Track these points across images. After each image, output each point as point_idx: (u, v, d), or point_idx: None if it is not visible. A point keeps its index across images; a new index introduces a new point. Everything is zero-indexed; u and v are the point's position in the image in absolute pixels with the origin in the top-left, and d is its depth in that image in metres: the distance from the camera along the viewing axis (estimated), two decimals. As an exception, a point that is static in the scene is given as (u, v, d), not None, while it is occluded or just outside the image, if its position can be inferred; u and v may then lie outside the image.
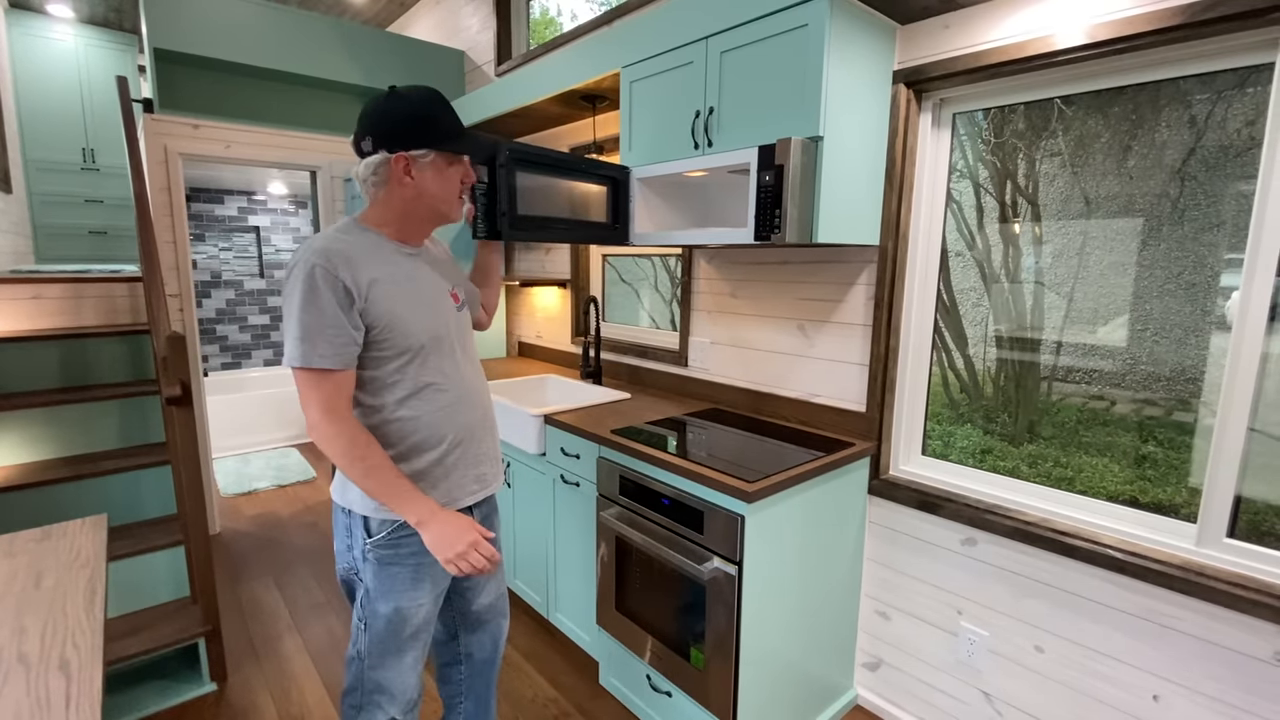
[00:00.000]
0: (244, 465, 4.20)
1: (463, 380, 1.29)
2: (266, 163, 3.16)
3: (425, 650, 1.36)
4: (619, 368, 2.74)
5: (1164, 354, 1.42)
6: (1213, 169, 1.34)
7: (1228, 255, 1.33)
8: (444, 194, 1.22)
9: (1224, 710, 1.30)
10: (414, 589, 1.27)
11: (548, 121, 2.78)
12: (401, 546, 1.25)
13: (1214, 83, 1.32)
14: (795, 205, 1.49)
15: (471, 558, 1.16)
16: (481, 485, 1.35)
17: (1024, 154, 1.61)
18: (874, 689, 1.95)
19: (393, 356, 1.18)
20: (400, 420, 1.22)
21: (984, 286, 1.70)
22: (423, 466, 1.25)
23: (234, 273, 5.25)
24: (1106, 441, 1.52)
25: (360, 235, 1.19)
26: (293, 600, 2.59)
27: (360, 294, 1.12)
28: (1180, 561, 1.36)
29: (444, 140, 1.18)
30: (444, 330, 1.26)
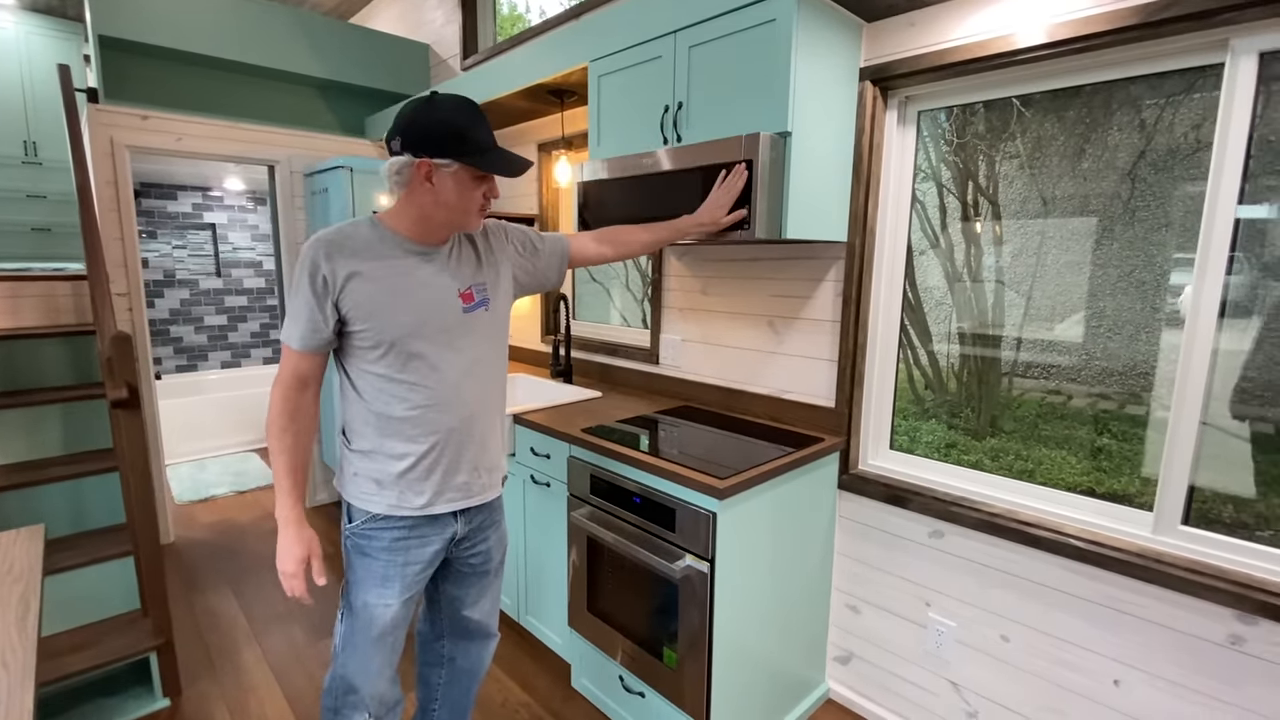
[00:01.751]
0: (200, 471, 4.05)
1: (449, 383, 1.25)
2: (221, 156, 3.04)
3: (395, 658, 1.33)
4: (590, 366, 2.71)
5: (1117, 349, 1.46)
6: (1161, 171, 1.38)
7: (1176, 255, 1.37)
8: (462, 205, 1.20)
9: (1182, 693, 1.34)
10: (383, 586, 1.26)
11: (516, 116, 2.74)
12: (374, 539, 1.25)
13: (1162, 87, 1.36)
14: (764, 200, 1.49)
15: (284, 583, 1.23)
16: (464, 494, 1.31)
17: (984, 155, 1.64)
18: (845, 682, 1.97)
19: (369, 347, 1.20)
20: (378, 414, 1.22)
21: (947, 285, 1.73)
22: (401, 467, 1.23)
23: (189, 271, 5.06)
24: (1064, 435, 1.56)
25: (367, 229, 1.21)
26: (252, 610, 2.50)
27: (335, 286, 1.15)
28: (1138, 549, 1.40)
29: (470, 154, 1.17)
30: (429, 330, 1.22)
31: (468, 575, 1.42)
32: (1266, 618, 1.22)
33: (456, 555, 1.38)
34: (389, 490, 1.23)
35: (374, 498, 1.24)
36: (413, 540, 1.27)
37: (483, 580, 1.44)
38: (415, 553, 1.27)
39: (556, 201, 2.84)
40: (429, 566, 1.31)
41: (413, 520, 1.26)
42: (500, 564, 1.48)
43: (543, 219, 2.86)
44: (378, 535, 1.25)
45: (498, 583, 1.49)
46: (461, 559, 1.39)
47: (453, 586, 1.43)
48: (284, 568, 1.21)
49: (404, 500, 1.24)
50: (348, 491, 1.27)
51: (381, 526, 1.25)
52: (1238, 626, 1.26)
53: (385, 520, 1.24)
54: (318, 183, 3.09)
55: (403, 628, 1.31)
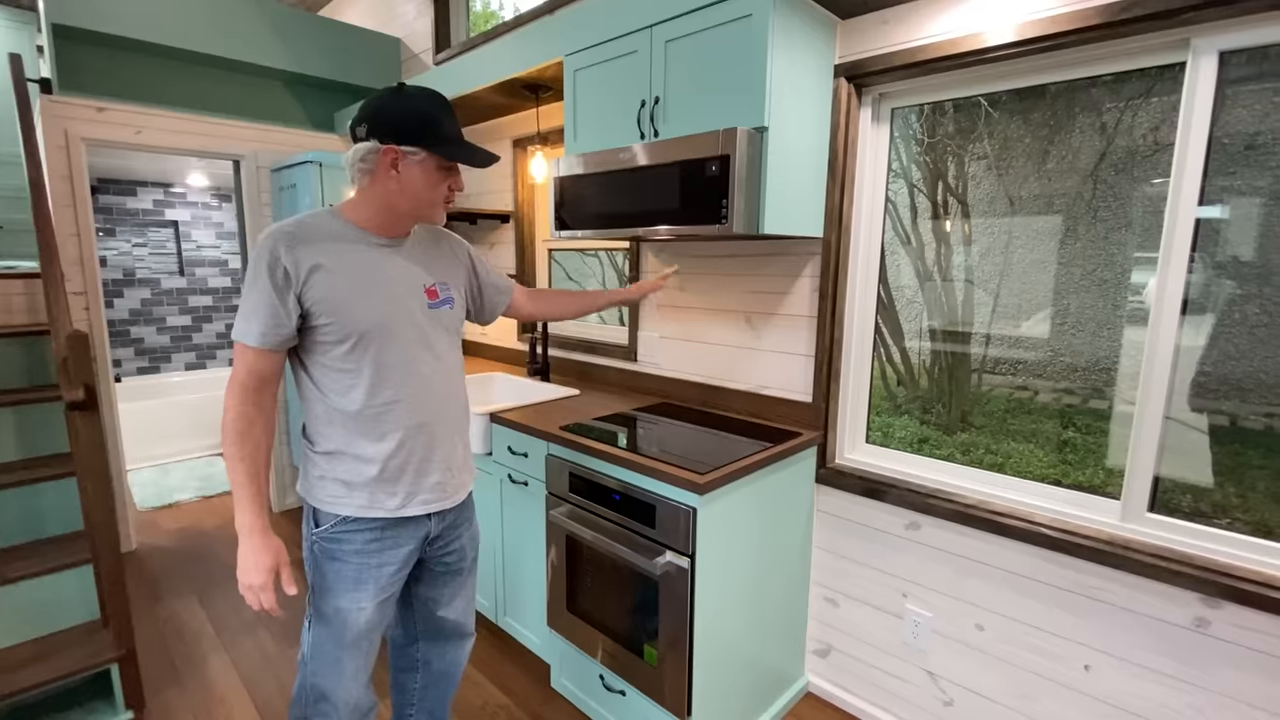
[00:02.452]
0: (163, 476, 3.92)
1: (418, 378, 1.23)
2: (183, 150, 2.95)
3: (369, 662, 1.29)
4: (568, 364, 2.69)
5: (1080, 346, 1.50)
6: (1121, 172, 1.42)
7: (1136, 254, 1.41)
8: (428, 196, 1.19)
9: (1149, 676, 1.38)
10: (355, 589, 1.22)
11: (490, 112, 2.71)
12: (345, 542, 1.20)
13: (1122, 91, 1.40)
14: (742, 195, 1.49)
15: (249, 596, 1.15)
16: (439, 495, 1.28)
17: (954, 155, 1.67)
18: (824, 675, 1.98)
19: (334, 342, 1.15)
20: (343, 412, 1.18)
21: (918, 284, 1.76)
22: (369, 467, 1.19)
23: (150, 270, 4.90)
24: (1032, 429, 1.60)
25: (327, 221, 1.18)
26: (219, 618, 2.42)
27: (298, 278, 1.11)
28: (1107, 537, 1.43)
29: (439, 143, 1.15)
30: (396, 324, 1.19)
31: (441, 575, 1.39)
32: (1230, 601, 1.26)
33: (430, 555, 1.35)
34: (359, 492, 1.19)
35: (343, 500, 1.20)
36: (386, 542, 1.23)
37: (457, 579, 1.41)
38: (389, 554, 1.24)
39: (532, 198, 2.81)
40: (404, 567, 1.28)
41: (385, 522, 1.22)
42: (474, 561, 1.45)
43: (518, 216, 2.82)
44: (348, 539, 1.21)
45: (472, 581, 1.47)
46: (435, 559, 1.36)
47: (426, 588, 1.40)
48: (250, 580, 1.14)
49: (376, 502, 1.20)
50: (314, 495, 1.21)
51: (352, 529, 1.20)
52: (1202, 610, 1.30)
53: (356, 523, 1.20)
54: (285, 178, 3.02)
55: (378, 631, 1.28)
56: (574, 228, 1.90)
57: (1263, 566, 1.26)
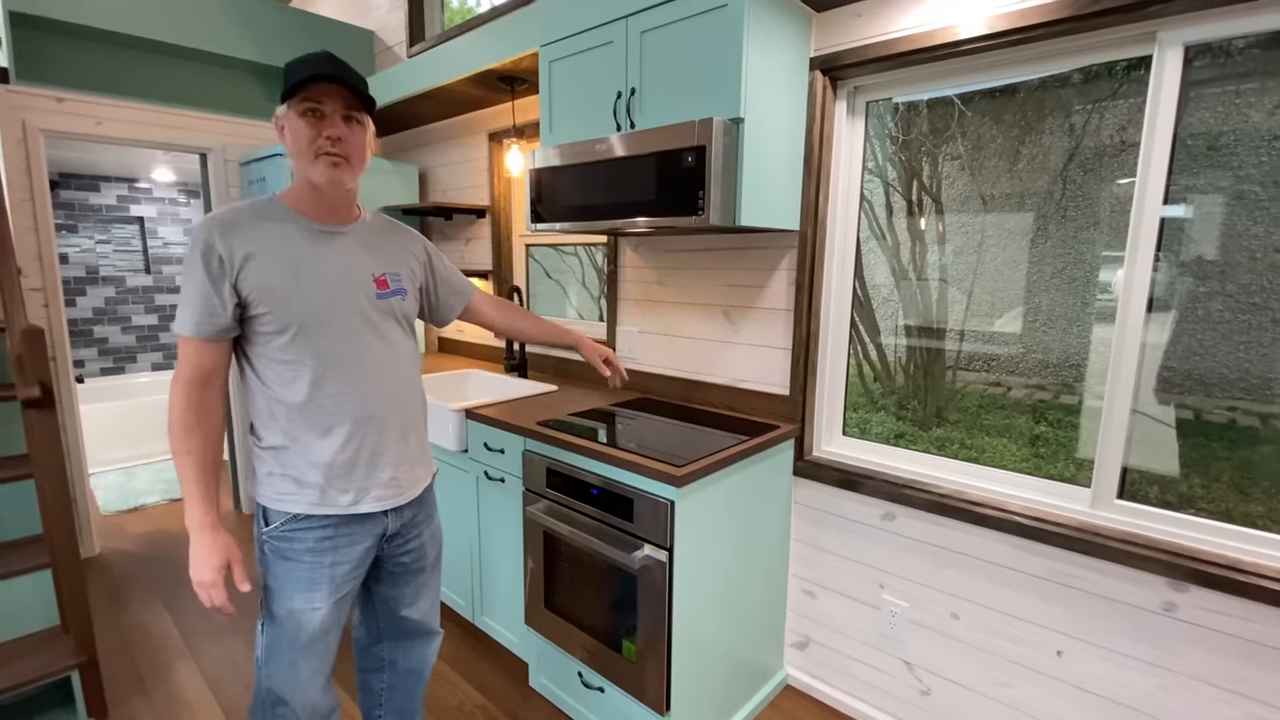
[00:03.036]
0: (129, 479, 3.81)
1: (365, 369, 1.19)
2: (147, 143, 2.86)
3: (325, 663, 1.25)
4: (545, 361, 2.66)
5: (1051, 343, 1.52)
6: (1089, 172, 1.45)
7: (1104, 252, 1.43)
8: (303, 151, 1.10)
9: (1120, 660, 1.40)
10: (309, 589, 1.18)
11: (465, 105, 2.67)
12: (296, 540, 1.17)
13: (1090, 93, 1.43)
14: (718, 187, 1.49)
15: (200, 594, 1.13)
16: (394, 491, 1.24)
17: (928, 155, 1.68)
18: (803, 668, 1.99)
19: (274, 332, 1.11)
20: (287, 404, 1.14)
21: (894, 282, 1.78)
22: (318, 462, 1.15)
23: (114, 268, 4.75)
24: (1005, 424, 1.63)
25: (266, 207, 1.15)
26: (186, 624, 2.36)
27: (232, 266, 1.07)
28: (1078, 524, 1.45)
29: (289, 90, 1.06)
30: (339, 312, 1.15)
31: (401, 574, 1.35)
32: (1196, 584, 1.28)
33: (388, 554, 1.31)
34: (309, 489, 1.15)
35: (293, 497, 1.15)
36: (340, 539, 1.19)
37: (418, 578, 1.38)
38: (343, 552, 1.20)
39: (509, 193, 2.78)
40: (359, 566, 1.24)
41: (338, 519, 1.19)
42: (436, 560, 1.42)
43: (494, 210, 2.79)
44: (299, 537, 1.16)
45: (435, 579, 1.43)
46: (393, 557, 1.32)
47: (387, 588, 1.36)
48: (200, 577, 1.11)
49: (327, 499, 1.16)
50: (262, 493, 1.17)
51: (303, 527, 1.16)
52: (1170, 594, 1.32)
53: (307, 521, 1.16)
54: (254, 172, 2.94)
55: (335, 631, 1.24)
56: (550, 221, 1.88)
57: (1227, 550, 1.29)
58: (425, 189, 3.19)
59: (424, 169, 3.18)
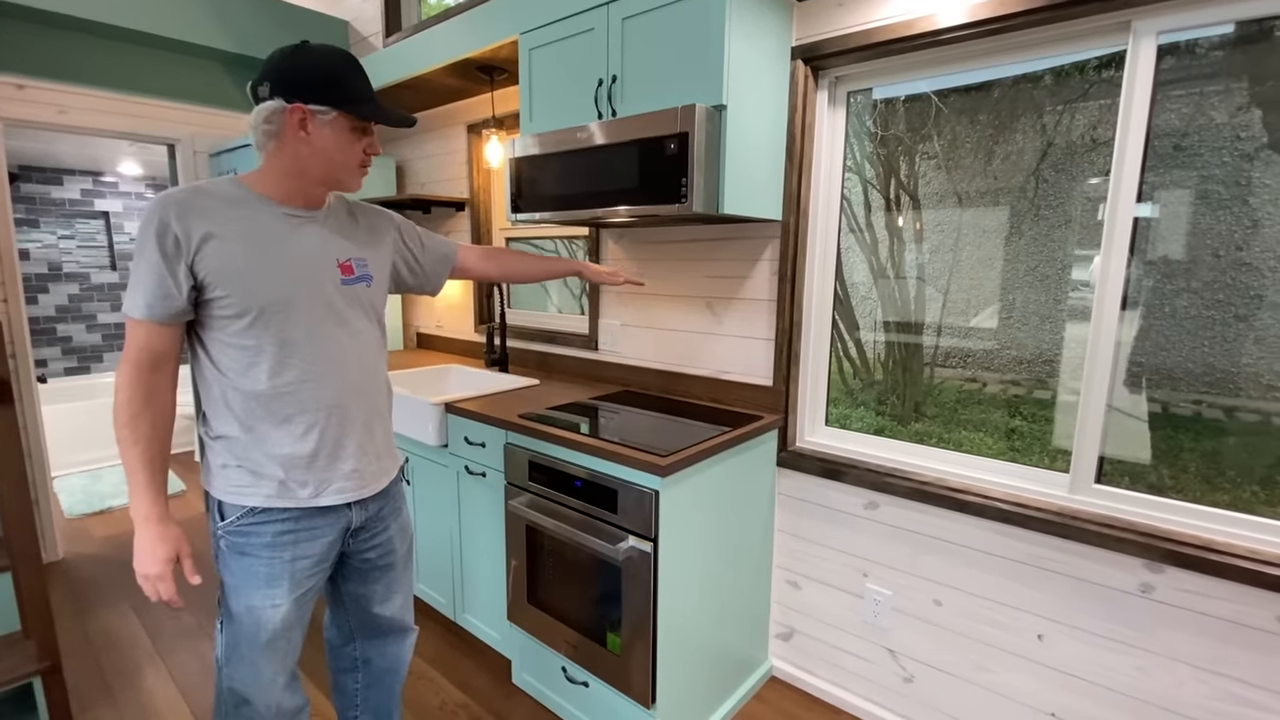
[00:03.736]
0: (94, 482, 3.69)
1: (328, 357, 1.15)
2: (112, 132, 2.78)
3: (288, 662, 1.20)
4: (527, 355, 2.64)
5: (1025, 339, 1.55)
6: (1061, 171, 1.47)
7: (1076, 251, 1.46)
8: (343, 160, 1.13)
9: (1098, 642, 1.42)
10: (268, 586, 1.13)
11: (444, 96, 2.63)
12: (254, 535, 1.12)
13: (1061, 93, 1.45)
14: (701, 174, 1.48)
15: (146, 587, 1.08)
16: (357, 483, 1.20)
17: (905, 153, 1.70)
18: (788, 659, 1.99)
19: (233, 317, 1.07)
20: (244, 392, 1.09)
21: (872, 280, 1.79)
22: (277, 453, 1.11)
23: (78, 264, 4.61)
24: (981, 418, 1.65)
25: (226, 188, 1.10)
26: (155, 627, 2.28)
27: (189, 247, 1.03)
28: (1057, 508, 1.47)
29: (350, 102, 1.09)
30: (302, 298, 1.11)
31: (368, 571, 1.31)
32: (1172, 565, 1.30)
33: (354, 549, 1.27)
34: (266, 481, 1.11)
35: (249, 490, 1.11)
36: (301, 534, 1.15)
37: (388, 575, 1.34)
38: (304, 546, 1.16)
39: (488, 185, 2.74)
40: (322, 561, 1.20)
41: (299, 512, 1.14)
42: (407, 555, 1.38)
43: (473, 203, 2.76)
44: (257, 531, 1.12)
45: (407, 575, 1.40)
46: (359, 553, 1.28)
47: (356, 585, 1.32)
48: (145, 570, 1.06)
49: (286, 492, 1.12)
50: (216, 486, 1.12)
51: (261, 521, 1.12)
52: (1147, 575, 1.34)
53: (265, 514, 1.12)
54: (224, 163, 2.87)
55: (298, 629, 1.19)
56: (531, 211, 1.85)
57: (1202, 531, 1.31)
58: (402, 182, 3.14)
59: (401, 162, 3.13)
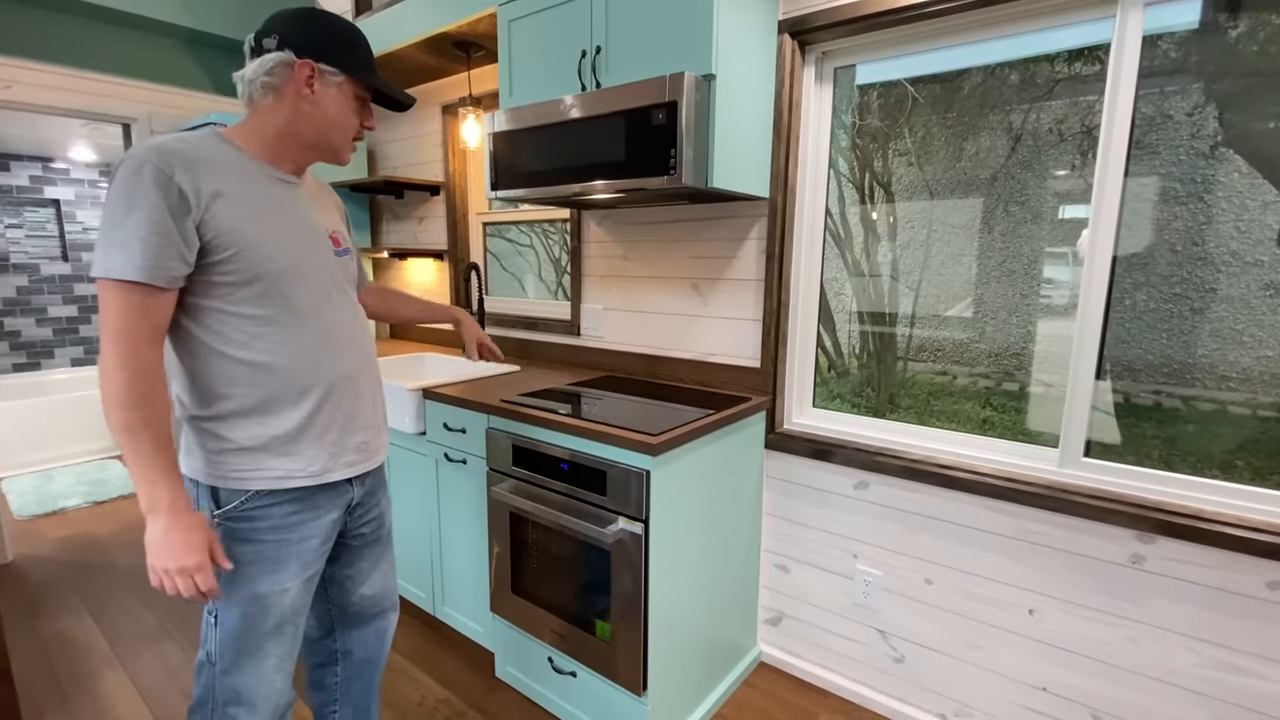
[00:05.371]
0: (46, 483, 3.50)
1: (339, 326, 1.11)
2: (63, 110, 2.63)
3: (295, 647, 1.15)
4: (507, 342, 2.57)
5: (993, 333, 1.57)
6: (1027, 168, 1.49)
7: (1044, 247, 1.49)
8: (341, 125, 1.09)
9: (1090, 614, 1.42)
10: (275, 571, 1.07)
11: (418, 75, 2.54)
12: (258, 519, 1.06)
13: (1028, 92, 1.47)
14: (690, 145, 1.44)
15: (181, 582, 0.94)
16: (364, 455, 1.17)
17: (880, 148, 1.70)
18: (776, 643, 1.96)
19: (241, 284, 0.99)
20: (252, 365, 1.02)
21: (847, 275, 1.80)
22: (287, 428, 1.05)
23: (26, 255, 4.37)
24: (954, 409, 1.66)
25: (214, 145, 1.02)
26: (114, 631, 2.16)
27: (199, 203, 0.93)
28: (1047, 482, 1.47)
29: (360, 70, 1.06)
30: (311, 264, 1.07)
31: (359, 548, 1.27)
32: (1163, 535, 1.31)
33: (350, 526, 1.23)
34: (272, 459, 1.05)
35: (253, 472, 1.04)
36: (306, 514, 1.10)
37: (375, 549, 1.30)
38: (311, 526, 1.10)
39: (464, 169, 2.67)
40: (328, 539, 1.15)
41: (306, 490, 1.09)
42: (390, 529, 1.35)
43: (449, 187, 2.67)
44: (263, 515, 1.06)
45: (390, 552, 1.36)
46: (355, 529, 1.24)
47: (343, 566, 1.26)
48: (183, 562, 0.92)
49: (294, 469, 1.06)
50: (212, 471, 1.03)
51: (266, 504, 1.06)
52: (1138, 546, 1.34)
53: (271, 496, 1.06)
54: (186, 145, 2.74)
55: (302, 614, 1.13)
56: (512, 188, 1.79)
57: (1192, 501, 1.32)
58: (374, 166, 3.04)
59: (372, 145, 3.03)
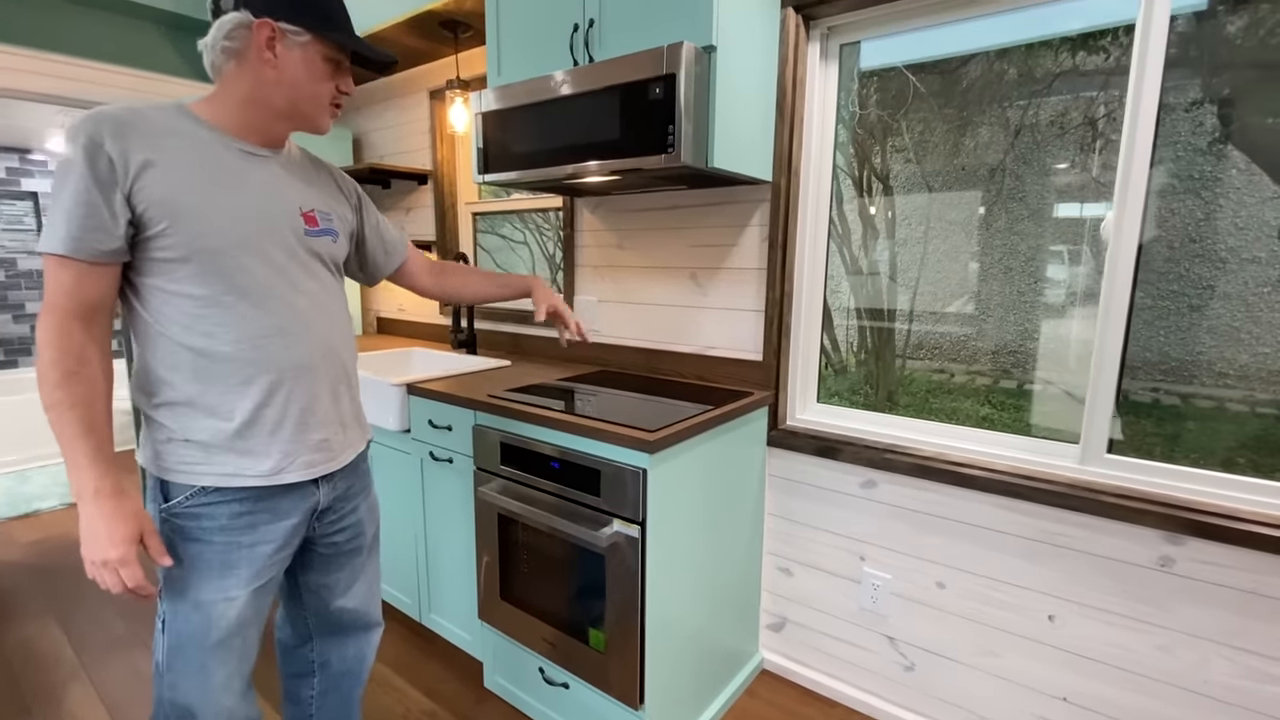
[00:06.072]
0: (20, 484, 3.39)
1: (294, 310, 1.01)
2: (36, 95, 2.51)
3: (245, 665, 1.05)
4: (498, 337, 2.47)
5: (990, 330, 1.52)
6: (1026, 163, 1.43)
7: (1038, 243, 1.44)
8: (312, 91, 0.99)
9: (1113, 620, 1.33)
10: (222, 576, 0.98)
11: (405, 59, 2.44)
12: (205, 518, 0.96)
13: (1029, 86, 1.41)
14: (690, 121, 1.34)
15: (107, 576, 0.88)
16: (326, 455, 1.06)
17: (878, 142, 1.63)
18: (779, 650, 1.87)
19: (179, 260, 0.91)
20: (193, 350, 0.93)
21: (844, 272, 1.74)
22: (234, 422, 0.96)
23: (4, 249, 4.25)
24: (952, 407, 1.60)
25: (167, 113, 0.94)
26: (83, 639, 2.06)
27: (127, 173, 0.87)
28: (1068, 480, 1.38)
29: (327, 27, 0.97)
30: (261, 243, 0.97)
31: (334, 557, 1.16)
32: (1194, 536, 1.22)
33: (319, 533, 1.12)
34: (221, 455, 0.96)
35: (200, 467, 0.95)
36: (260, 516, 1.00)
37: (354, 561, 1.19)
38: (265, 530, 1.00)
39: (453, 157, 2.57)
40: (285, 547, 1.04)
41: (259, 491, 0.99)
42: (374, 539, 1.24)
43: (437, 176, 2.58)
44: (209, 513, 0.96)
45: (375, 561, 1.25)
46: (325, 537, 1.13)
47: (317, 575, 1.16)
48: (102, 554, 0.86)
49: (244, 467, 0.97)
50: (159, 462, 0.96)
51: (214, 502, 0.96)
52: (1167, 548, 1.26)
53: (219, 494, 0.96)
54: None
55: (255, 626, 1.04)
56: (500, 171, 1.70)
57: (1226, 500, 1.23)
58: (360, 154, 2.93)
59: (358, 134, 2.93)
